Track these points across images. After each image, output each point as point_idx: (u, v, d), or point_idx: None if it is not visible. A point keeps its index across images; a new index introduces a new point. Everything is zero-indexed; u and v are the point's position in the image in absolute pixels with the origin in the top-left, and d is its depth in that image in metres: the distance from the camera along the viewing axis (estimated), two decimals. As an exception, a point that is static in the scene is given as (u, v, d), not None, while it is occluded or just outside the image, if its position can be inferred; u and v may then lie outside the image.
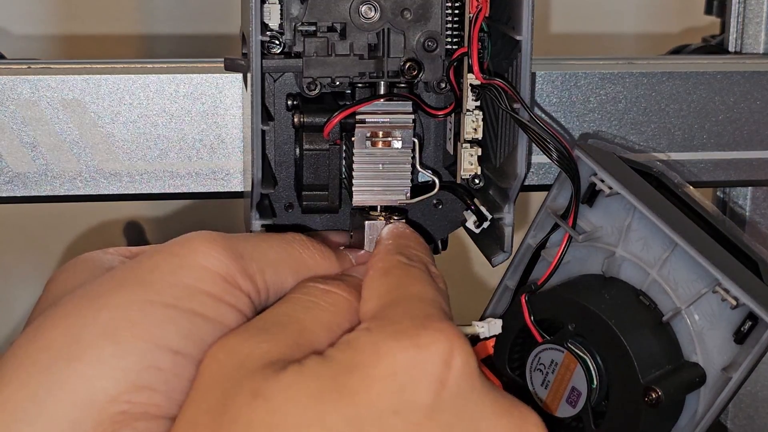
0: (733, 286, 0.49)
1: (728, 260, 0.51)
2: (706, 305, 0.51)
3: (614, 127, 0.64)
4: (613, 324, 0.51)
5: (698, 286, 0.51)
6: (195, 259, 0.45)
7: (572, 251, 0.55)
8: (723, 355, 0.51)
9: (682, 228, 0.51)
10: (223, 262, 0.45)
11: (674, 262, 0.52)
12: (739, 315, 0.50)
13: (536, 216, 0.56)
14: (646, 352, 0.51)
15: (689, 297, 0.51)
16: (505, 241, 0.54)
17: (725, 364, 0.51)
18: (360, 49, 0.52)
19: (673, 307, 0.52)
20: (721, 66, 0.65)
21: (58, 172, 0.59)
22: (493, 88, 0.52)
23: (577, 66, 0.64)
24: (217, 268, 0.45)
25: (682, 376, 0.51)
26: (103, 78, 0.59)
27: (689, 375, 0.51)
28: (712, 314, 0.51)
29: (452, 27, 0.53)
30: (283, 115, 0.55)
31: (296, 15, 0.52)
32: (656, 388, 0.50)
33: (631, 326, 0.51)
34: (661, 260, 0.52)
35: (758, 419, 0.72)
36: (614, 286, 0.54)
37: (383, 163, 0.53)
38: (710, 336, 0.51)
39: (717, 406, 0.51)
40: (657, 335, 0.52)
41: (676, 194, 0.56)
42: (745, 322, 0.49)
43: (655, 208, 0.52)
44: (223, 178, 0.61)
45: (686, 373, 0.51)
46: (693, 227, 0.52)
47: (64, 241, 1.01)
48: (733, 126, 0.65)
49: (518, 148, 0.52)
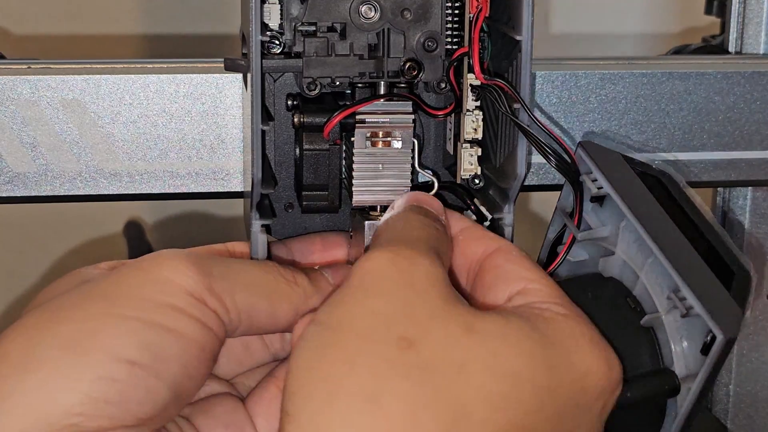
0: (689, 293, 0.48)
1: (698, 268, 0.50)
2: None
3: (614, 127, 0.64)
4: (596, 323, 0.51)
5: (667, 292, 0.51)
6: (161, 273, 0.45)
7: (585, 249, 0.55)
8: (696, 366, 0.50)
9: (660, 233, 0.51)
10: (190, 276, 0.45)
11: (655, 267, 0.51)
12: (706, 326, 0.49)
13: (554, 213, 0.56)
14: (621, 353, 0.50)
15: (668, 303, 0.51)
16: (505, 241, 0.54)
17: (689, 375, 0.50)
18: (360, 49, 0.52)
19: (653, 312, 0.51)
20: (721, 66, 0.65)
21: (58, 172, 0.59)
22: (493, 89, 0.52)
23: (577, 66, 0.64)
24: (183, 282, 0.45)
25: (653, 381, 0.50)
26: (103, 78, 0.59)
27: (661, 382, 0.50)
28: (689, 323, 0.50)
29: (452, 27, 0.53)
30: (283, 115, 0.55)
31: (296, 15, 0.52)
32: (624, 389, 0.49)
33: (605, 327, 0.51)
34: (647, 264, 0.52)
35: (758, 419, 0.72)
36: (606, 285, 0.53)
37: (383, 163, 0.53)
38: (688, 346, 0.51)
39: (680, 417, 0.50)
40: (635, 338, 0.51)
41: (674, 198, 0.55)
42: (709, 333, 0.48)
43: (640, 212, 0.51)
44: (223, 178, 0.61)
45: (658, 379, 0.50)
46: (674, 233, 0.52)
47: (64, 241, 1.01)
48: (733, 126, 0.65)
49: (518, 148, 0.52)
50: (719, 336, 0.47)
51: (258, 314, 0.47)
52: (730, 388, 0.73)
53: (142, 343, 0.43)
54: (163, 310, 0.44)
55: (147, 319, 0.44)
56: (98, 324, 0.43)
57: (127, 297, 0.44)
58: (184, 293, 0.45)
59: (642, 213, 0.51)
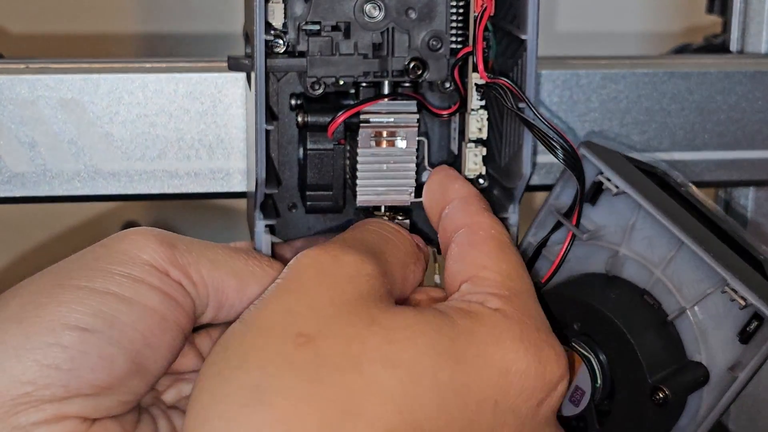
0: (741, 286, 0.49)
1: (734, 260, 0.51)
2: (711, 305, 0.51)
3: (616, 126, 0.64)
4: (620, 323, 0.51)
5: (704, 286, 0.51)
6: (121, 247, 0.45)
7: (574, 250, 0.54)
8: (727, 354, 0.51)
9: (688, 227, 0.51)
10: (151, 248, 0.45)
11: (679, 262, 0.52)
12: (744, 315, 0.50)
13: (537, 214, 0.56)
14: (652, 351, 0.51)
15: (694, 296, 0.51)
16: (510, 241, 0.54)
17: (730, 364, 0.50)
18: (364, 49, 0.52)
19: (678, 307, 0.52)
20: (723, 65, 0.65)
21: (57, 172, 0.59)
22: (498, 88, 0.51)
23: (579, 65, 0.64)
24: (144, 255, 0.45)
25: (687, 375, 0.51)
26: (102, 77, 0.58)
27: (693, 374, 0.51)
28: (717, 314, 0.51)
29: (457, 26, 0.52)
30: (286, 114, 0.54)
31: (300, 14, 0.52)
32: (664, 388, 0.50)
33: (638, 325, 0.51)
34: (666, 260, 0.52)
35: (760, 420, 0.72)
36: (618, 285, 0.53)
37: (387, 162, 0.52)
38: (714, 336, 0.51)
39: (721, 406, 0.51)
40: (661, 335, 0.52)
41: (680, 193, 0.56)
42: (751, 322, 0.49)
43: (662, 208, 0.52)
44: (222, 178, 0.61)
45: (690, 372, 0.51)
46: (698, 227, 0.52)
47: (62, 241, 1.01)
48: (735, 125, 0.65)
49: (523, 147, 0.51)
50: None
51: (226, 290, 0.47)
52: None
53: (94, 310, 0.43)
54: (118, 279, 0.44)
55: (101, 288, 0.43)
56: (49, 294, 0.43)
57: (82, 269, 0.44)
58: (144, 265, 0.44)
59: (665, 209, 0.51)
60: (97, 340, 0.42)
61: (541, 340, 0.45)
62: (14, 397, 0.41)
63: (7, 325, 0.42)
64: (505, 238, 0.49)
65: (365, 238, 0.48)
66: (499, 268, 0.47)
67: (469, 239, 0.48)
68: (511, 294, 0.46)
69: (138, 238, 0.46)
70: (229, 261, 0.47)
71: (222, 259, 0.47)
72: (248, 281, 0.47)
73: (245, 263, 0.48)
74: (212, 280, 0.46)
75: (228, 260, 0.47)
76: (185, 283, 0.45)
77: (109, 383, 0.43)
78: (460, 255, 0.48)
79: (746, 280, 0.49)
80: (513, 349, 0.44)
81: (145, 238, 0.45)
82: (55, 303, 0.43)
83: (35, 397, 0.41)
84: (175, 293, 0.45)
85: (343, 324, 0.42)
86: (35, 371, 0.41)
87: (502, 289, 0.46)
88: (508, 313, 0.45)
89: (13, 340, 0.42)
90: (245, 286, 0.47)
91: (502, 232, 0.49)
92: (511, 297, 0.46)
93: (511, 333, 0.44)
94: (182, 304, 0.45)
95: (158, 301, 0.44)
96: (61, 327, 0.42)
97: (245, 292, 0.47)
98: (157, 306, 0.44)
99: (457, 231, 0.49)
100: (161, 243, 0.45)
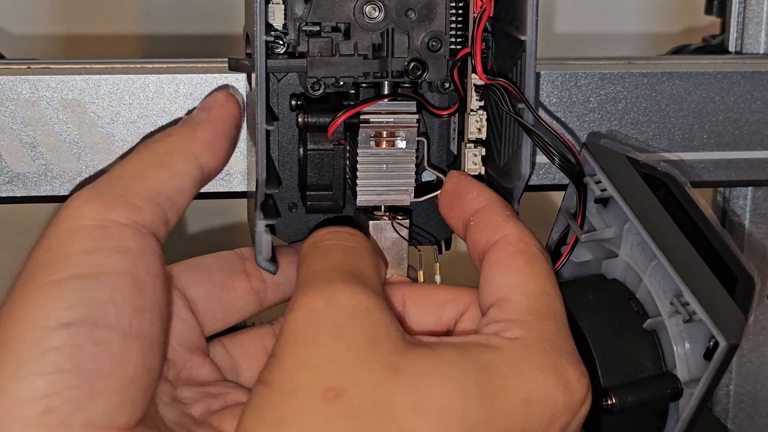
0: (692, 298, 0.48)
1: (701, 273, 0.50)
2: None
3: (614, 127, 0.64)
4: (582, 325, 0.50)
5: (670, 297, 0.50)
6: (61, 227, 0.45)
7: (590, 250, 0.55)
8: (698, 370, 0.49)
9: (664, 237, 0.50)
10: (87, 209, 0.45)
11: (660, 271, 0.51)
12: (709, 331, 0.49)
13: (557, 214, 0.56)
14: (616, 357, 0.50)
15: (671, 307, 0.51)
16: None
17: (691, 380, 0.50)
18: (364, 49, 0.52)
19: (656, 315, 0.51)
20: (722, 66, 0.65)
21: (58, 172, 0.59)
22: (497, 89, 0.51)
23: (577, 66, 0.64)
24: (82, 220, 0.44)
25: (653, 386, 0.50)
26: (103, 78, 0.59)
27: (662, 386, 0.50)
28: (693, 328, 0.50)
29: (456, 27, 0.53)
30: (286, 115, 0.55)
31: (300, 15, 0.52)
32: (612, 395, 0.49)
33: (607, 330, 0.50)
34: (650, 267, 0.52)
35: (758, 419, 0.72)
36: (607, 288, 0.53)
37: (387, 163, 0.53)
38: (690, 350, 0.50)
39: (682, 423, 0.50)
40: (637, 342, 0.51)
41: (678, 200, 0.55)
42: (712, 339, 0.48)
43: (644, 215, 0.51)
44: (223, 178, 0.61)
45: (658, 383, 0.50)
46: (677, 237, 0.51)
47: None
48: (733, 126, 0.65)
49: (522, 148, 0.51)
50: (722, 342, 0.46)
51: (166, 185, 0.47)
52: (730, 389, 0.73)
53: (69, 302, 0.42)
54: (76, 260, 0.43)
55: (65, 276, 0.43)
56: (22, 304, 0.42)
57: (41, 265, 0.44)
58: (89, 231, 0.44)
59: (645, 216, 0.51)
60: (84, 330, 0.42)
61: (561, 364, 0.45)
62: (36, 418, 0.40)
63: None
64: (533, 248, 0.48)
65: (337, 261, 0.47)
66: (525, 289, 0.47)
67: (498, 257, 0.48)
68: (533, 318, 0.46)
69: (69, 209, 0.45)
70: (147, 160, 0.48)
71: (139, 164, 0.48)
72: (174, 159, 0.48)
73: (157, 152, 0.48)
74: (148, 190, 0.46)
75: (145, 160, 0.48)
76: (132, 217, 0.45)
77: (116, 368, 0.42)
78: (489, 277, 0.48)
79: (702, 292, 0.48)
80: (532, 378, 0.44)
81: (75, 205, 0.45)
82: (30, 310, 0.42)
83: (56, 412, 0.40)
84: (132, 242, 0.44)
85: (367, 372, 0.42)
86: (40, 384, 0.41)
87: (524, 314, 0.46)
88: (527, 340, 0.45)
89: (6, 364, 0.41)
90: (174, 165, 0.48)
91: (529, 243, 0.48)
92: (533, 322, 0.46)
93: (530, 362, 0.44)
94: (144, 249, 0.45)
95: (122, 262, 0.44)
96: (44, 331, 0.41)
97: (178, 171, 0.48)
98: (122, 267, 0.44)
99: (487, 248, 0.48)
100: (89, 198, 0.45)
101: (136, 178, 0.47)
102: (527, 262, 0.48)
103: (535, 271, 0.48)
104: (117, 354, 0.42)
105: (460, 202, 0.51)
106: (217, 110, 0.51)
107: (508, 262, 0.48)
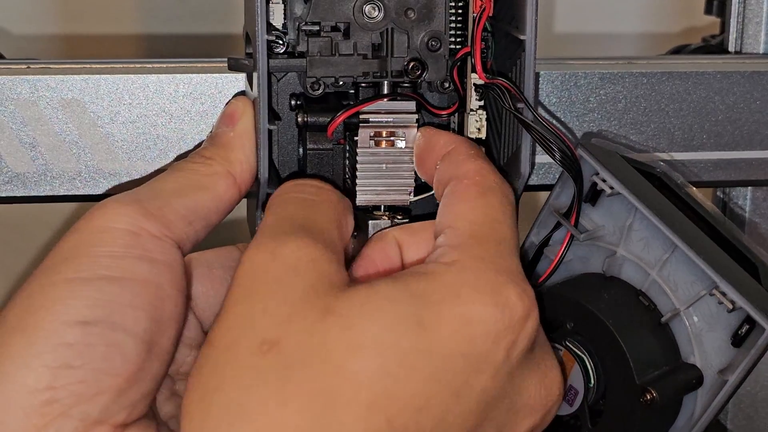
0: (730, 289, 0.49)
1: (727, 263, 0.51)
2: (705, 307, 0.51)
3: (614, 127, 0.64)
4: (610, 324, 0.51)
5: (697, 288, 0.51)
6: (94, 225, 0.45)
7: (574, 250, 0.55)
8: (720, 357, 0.51)
9: (682, 230, 0.51)
10: (121, 213, 0.45)
11: (674, 264, 0.52)
12: (737, 318, 0.50)
13: (539, 214, 0.56)
14: (643, 352, 0.51)
15: (688, 299, 0.51)
16: (508, 241, 0.54)
17: (722, 367, 0.50)
18: (364, 49, 0.52)
19: (672, 308, 0.52)
20: (721, 66, 0.65)
21: (58, 172, 0.59)
22: (497, 88, 0.51)
23: (577, 66, 0.64)
24: (117, 223, 0.45)
25: (679, 377, 0.51)
26: (103, 78, 0.59)
27: (686, 376, 0.51)
28: (711, 316, 0.51)
29: (456, 26, 0.53)
30: (286, 114, 0.55)
31: (300, 15, 0.52)
32: (651, 389, 0.50)
33: (629, 326, 0.51)
34: (661, 261, 0.52)
35: (757, 419, 0.72)
36: (614, 285, 0.53)
37: (387, 162, 0.53)
38: (709, 338, 0.51)
39: (713, 409, 0.51)
40: (655, 336, 0.52)
41: (678, 195, 0.56)
42: (743, 326, 0.49)
43: (656, 209, 0.52)
44: (222, 177, 0.61)
45: (683, 374, 0.51)
46: (693, 229, 0.52)
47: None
48: (732, 126, 0.65)
49: (522, 147, 0.51)
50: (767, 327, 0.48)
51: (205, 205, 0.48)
52: (730, 388, 0.73)
53: (90, 300, 0.42)
54: (104, 261, 0.43)
55: (90, 276, 0.43)
56: (42, 296, 0.43)
57: (67, 260, 0.44)
58: (122, 236, 0.44)
59: (659, 211, 0.51)
60: (100, 330, 0.42)
61: (500, 283, 0.44)
62: (39, 406, 0.41)
63: (8, 337, 0.42)
64: (491, 181, 0.48)
65: (291, 213, 0.47)
66: (472, 216, 0.46)
67: (453, 189, 0.48)
68: (474, 242, 0.45)
69: (105, 210, 0.45)
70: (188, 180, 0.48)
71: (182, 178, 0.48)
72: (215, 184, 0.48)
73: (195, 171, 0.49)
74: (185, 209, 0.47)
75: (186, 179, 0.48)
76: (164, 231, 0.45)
77: (124, 370, 0.43)
78: (441, 208, 0.48)
79: (737, 282, 0.49)
80: (470, 300, 0.43)
81: (113, 207, 0.45)
82: (50, 302, 0.42)
83: (58, 403, 0.41)
84: (160, 254, 0.45)
85: (300, 321, 0.41)
86: (48, 376, 0.41)
87: (465, 238, 0.45)
88: (464, 263, 0.44)
89: (19, 351, 0.42)
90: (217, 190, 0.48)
91: (487, 176, 0.48)
92: (473, 245, 0.45)
93: (466, 284, 0.43)
94: (171, 262, 0.45)
95: (148, 271, 0.44)
96: (62, 326, 0.42)
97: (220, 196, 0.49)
98: (148, 276, 0.44)
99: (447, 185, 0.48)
100: (127, 203, 0.45)
101: (176, 196, 0.47)
102: (480, 192, 0.47)
103: (486, 200, 0.47)
104: (128, 358, 0.43)
105: (431, 153, 0.51)
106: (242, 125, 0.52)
107: (462, 193, 0.47)
